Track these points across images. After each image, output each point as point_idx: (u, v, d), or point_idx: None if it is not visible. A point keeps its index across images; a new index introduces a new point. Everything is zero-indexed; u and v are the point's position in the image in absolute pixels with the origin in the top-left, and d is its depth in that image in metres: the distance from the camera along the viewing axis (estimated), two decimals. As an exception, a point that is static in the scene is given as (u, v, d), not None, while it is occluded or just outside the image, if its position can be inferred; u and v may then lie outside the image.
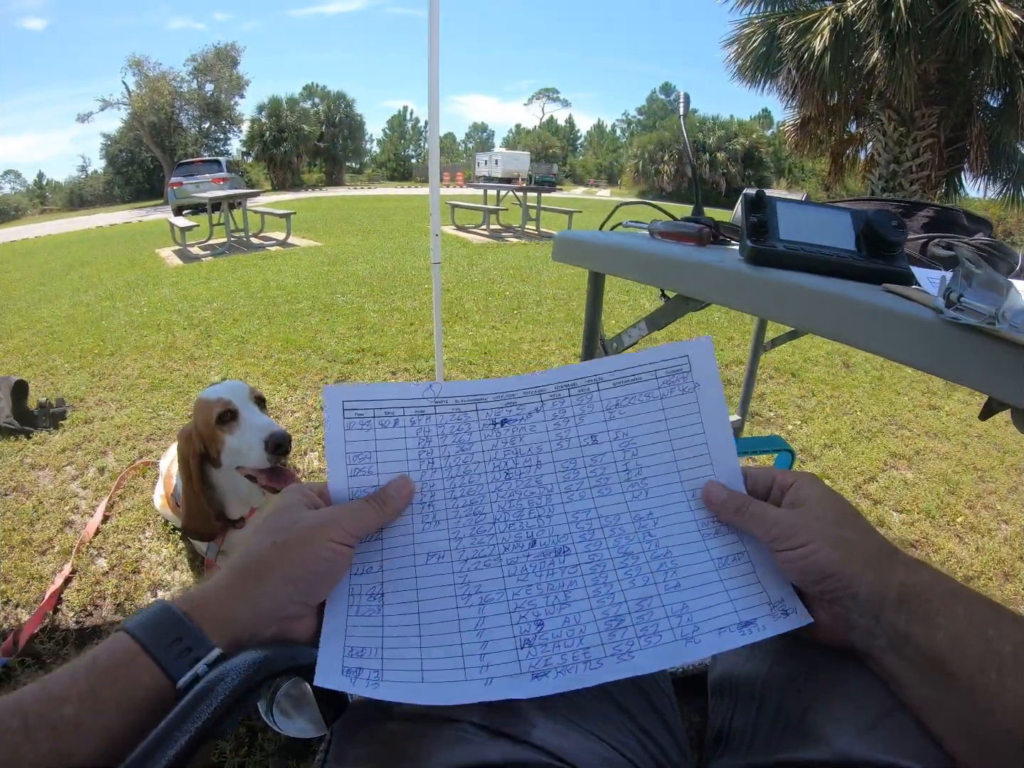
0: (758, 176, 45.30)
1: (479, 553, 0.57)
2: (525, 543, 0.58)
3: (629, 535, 0.58)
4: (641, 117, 79.41)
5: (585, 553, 0.57)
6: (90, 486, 2.66)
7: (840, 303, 0.82)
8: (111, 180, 48.15)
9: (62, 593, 1.99)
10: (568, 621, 0.54)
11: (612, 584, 0.56)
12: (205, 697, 0.40)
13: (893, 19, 10.82)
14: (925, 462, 3.29)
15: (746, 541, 0.58)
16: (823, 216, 1.02)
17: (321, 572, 0.51)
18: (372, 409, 0.60)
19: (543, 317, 5.77)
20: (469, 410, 0.62)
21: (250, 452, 1.63)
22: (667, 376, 0.64)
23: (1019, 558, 2.47)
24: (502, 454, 0.61)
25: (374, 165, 69.12)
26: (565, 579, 0.56)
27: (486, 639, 0.53)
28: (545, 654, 0.52)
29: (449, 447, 0.61)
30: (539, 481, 0.61)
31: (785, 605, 0.55)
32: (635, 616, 0.54)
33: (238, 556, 0.50)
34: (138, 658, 0.42)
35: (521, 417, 0.63)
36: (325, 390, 0.61)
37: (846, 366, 4.83)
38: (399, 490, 0.58)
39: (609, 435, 0.62)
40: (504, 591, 0.55)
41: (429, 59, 2.79)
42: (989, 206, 18.18)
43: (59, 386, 3.84)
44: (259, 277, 7.47)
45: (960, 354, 0.69)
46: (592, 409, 0.63)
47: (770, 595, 0.55)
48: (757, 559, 0.57)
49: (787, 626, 0.54)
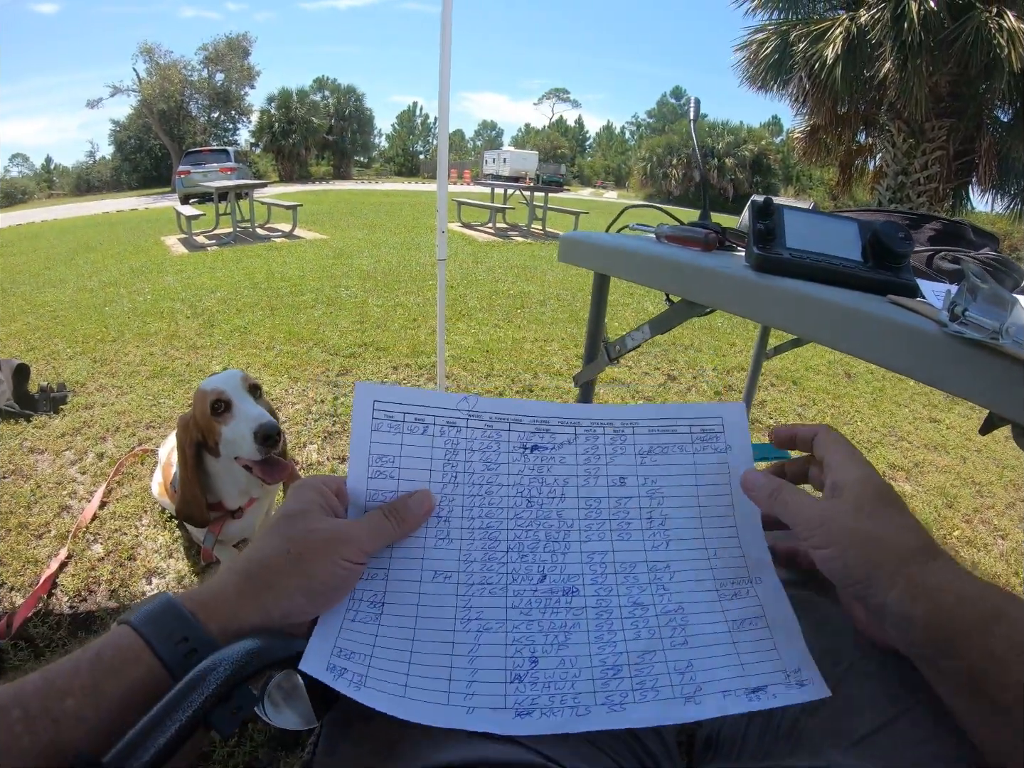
0: (766, 183, 45.28)
1: (486, 580, 0.56)
2: (535, 577, 0.56)
3: (642, 585, 0.57)
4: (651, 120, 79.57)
5: (593, 597, 0.56)
6: (88, 471, 2.66)
7: (844, 313, 0.82)
8: (119, 166, 48.25)
9: (57, 577, 1.99)
10: (564, 663, 0.52)
11: (616, 632, 0.54)
12: (198, 685, 0.40)
13: (906, 30, 10.80)
14: (924, 475, 3.29)
15: (766, 605, 0.57)
16: (830, 225, 1.02)
17: (333, 587, 0.50)
18: (403, 413, 0.59)
19: (546, 317, 5.77)
20: (502, 428, 0.61)
21: (241, 442, 1.63)
22: (701, 433, 0.64)
23: (1015, 573, 2.48)
24: (528, 480, 0.60)
25: (382, 160, 69.30)
26: (568, 620, 0.54)
27: (477, 667, 0.51)
28: (533, 692, 0.51)
29: (475, 463, 0.60)
30: (560, 515, 0.59)
31: (802, 675, 0.53)
32: (634, 668, 0.53)
33: (250, 557, 0.49)
34: (143, 656, 0.42)
35: (553, 446, 0.62)
36: (357, 386, 0.59)
37: (848, 376, 4.83)
38: (419, 506, 0.56)
39: (638, 480, 0.62)
40: (505, 622, 0.54)
41: (441, 55, 2.78)
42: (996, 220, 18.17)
43: (60, 371, 3.84)
44: (264, 268, 7.47)
45: (962, 368, 0.69)
46: (624, 451, 0.63)
47: (786, 663, 0.54)
48: (776, 623, 0.56)
49: (800, 698, 0.52)
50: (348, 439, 3.02)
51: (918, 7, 10.69)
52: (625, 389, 4.02)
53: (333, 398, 3.53)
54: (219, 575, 0.49)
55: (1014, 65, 10.30)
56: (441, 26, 2.76)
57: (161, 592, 0.47)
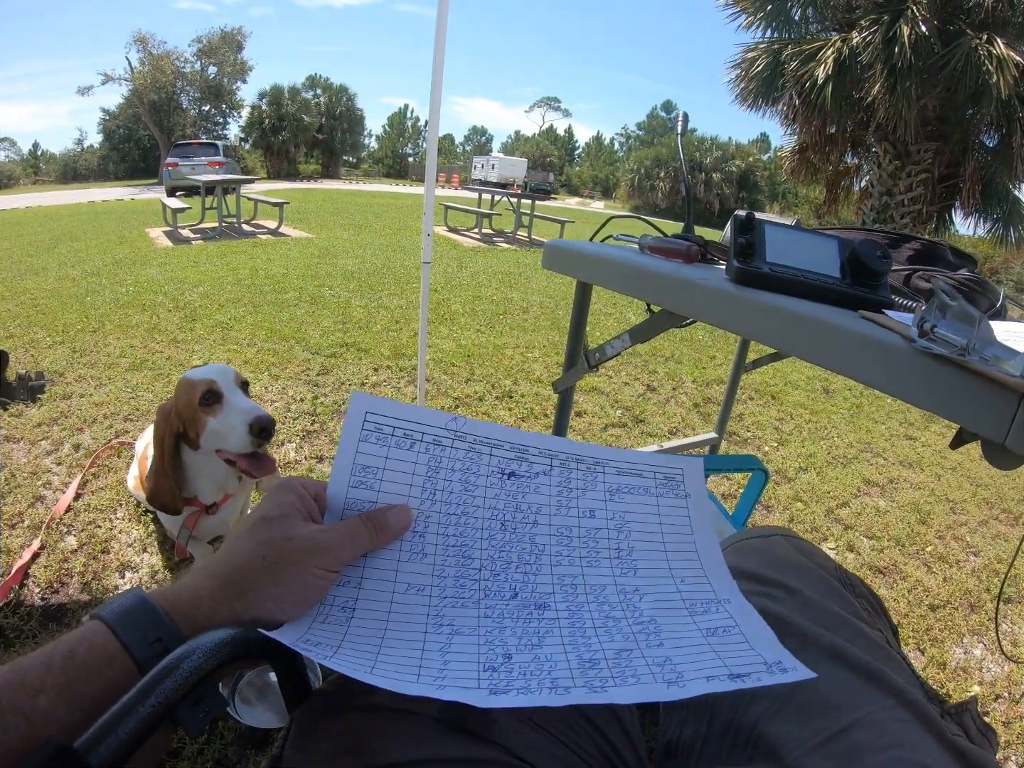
0: (752, 199, 45.58)
1: (459, 595, 0.56)
2: (507, 594, 0.57)
3: (612, 603, 0.59)
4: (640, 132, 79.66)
5: (565, 611, 0.57)
6: (64, 462, 2.64)
7: (819, 327, 0.83)
8: (106, 156, 47.88)
9: (29, 568, 1.98)
10: (538, 659, 0.52)
11: (590, 639, 0.55)
12: (161, 681, 0.40)
13: (896, 54, 10.94)
14: (898, 491, 3.33)
15: (736, 617, 0.59)
16: (810, 242, 1.04)
17: (305, 596, 0.50)
18: (392, 427, 0.59)
19: (528, 324, 5.78)
20: (484, 452, 0.62)
21: (232, 435, 1.62)
22: (664, 479, 0.68)
23: (986, 590, 2.51)
24: (503, 505, 0.61)
25: (371, 161, 69.15)
26: (542, 628, 0.55)
27: (448, 659, 0.51)
28: (509, 677, 0.50)
29: (454, 483, 0.60)
30: (532, 540, 0.61)
31: (784, 666, 0.54)
32: (612, 662, 0.53)
33: (225, 561, 0.49)
34: (117, 656, 0.42)
35: (529, 475, 0.63)
36: (354, 395, 0.59)
37: (826, 392, 4.87)
38: (399, 520, 0.56)
39: (607, 514, 0.64)
40: (477, 628, 0.54)
41: (434, 59, 2.79)
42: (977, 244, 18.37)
43: (39, 360, 3.80)
44: (248, 264, 7.44)
45: (932, 383, 0.70)
46: (595, 487, 0.65)
47: (766, 658, 0.55)
48: (749, 631, 0.58)
49: (785, 679, 0.52)
50: (326, 438, 3.03)
51: (910, 31, 10.83)
52: (605, 398, 4.03)
53: (313, 397, 3.53)
54: (193, 576, 0.48)
55: (1002, 91, 10.45)
56: (436, 29, 2.76)
57: (134, 588, 0.47)
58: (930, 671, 2.01)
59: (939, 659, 2.06)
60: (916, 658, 2.08)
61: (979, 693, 1.95)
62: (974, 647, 2.18)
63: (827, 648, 0.69)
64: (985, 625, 2.28)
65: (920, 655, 2.09)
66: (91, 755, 0.35)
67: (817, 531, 2.77)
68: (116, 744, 0.37)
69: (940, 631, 2.21)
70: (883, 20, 11.29)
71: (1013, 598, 2.49)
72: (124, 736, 0.37)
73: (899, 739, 0.61)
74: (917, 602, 2.36)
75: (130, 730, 0.37)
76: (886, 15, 11.32)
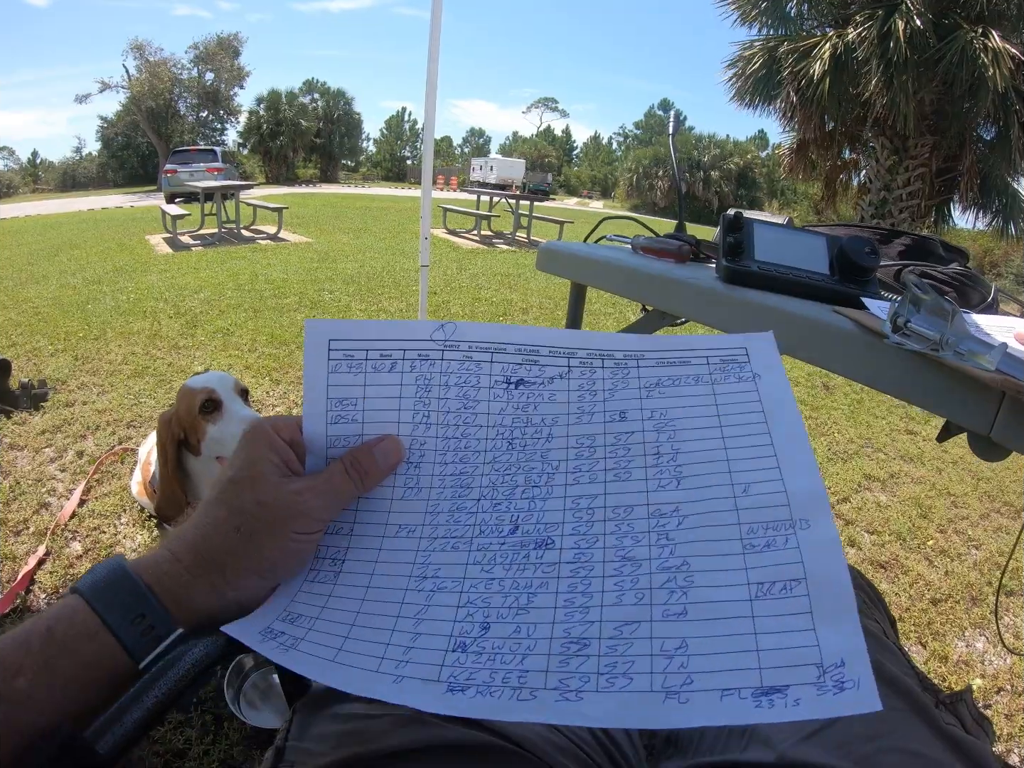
0: (750, 196, 45.51)
1: (451, 533, 0.48)
2: (505, 527, 0.48)
3: (638, 535, 0.46)
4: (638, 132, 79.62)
5: (572, 550, 0.46)
6: (68, 469, 2.66)
7: (807, 324, 0.85)
8: (105, 163, 47.82)
9: (35, 575, 1.99)
10: (519, 631, 0.43)
11: (592, 595, 0.43)
12: (166, 673, 0.40)
13: (892, 48, 10.93)
14: (899, 485, 3.34)
15: (810, 561, 0.42)
16: (799, 239, 1.05)
17: (286, 563, 0.47)
18: (365, 350, 0.52)
19: (528, 325, 5.76)
20: (483, 360, 0.53)
21: (231, 442, 1.63)
22: (720, 363, 0.53)
23: (987, 583, 2.52)
24: (510, 420, 0.52)
25: (369, 164, 69.17)
26: (535, 579, 0.45)
27: (420, 631, 0.44)
28: (475, 665, 0.41)
29: (450, 401, 0.52)
30: (544, 456, 0.50)
31: (843, 673, 0.37)
32: (606, 643, 0.41)
33: (197, 530, 0.46)
34: (99, 634, 0.40)
35: (541, 381, 0.53)
36: (307, 324, 0.53)
37: (826, 388, 4.88)
38: (386, 458, 0.50)
39: (643, 413, 0.51)
40: (462, 580, 0.46)
41: (429, 61, 2.81)
42: (977, 237, 18.40)
43: (42, 368, 3.82)
44: (248, 270, 7.45)
45: (918, 378, 0.71)
46: (627, 385, 0.53)
47: (825, 651, 0.38)
48: (821, 588, 0.41)
49: (834, 710, 0.36)
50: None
51: (904, 25, 10.82)
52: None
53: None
54: (170, 544, 0.46)
55: (998, 84, 10.44)
56: (430, 32, 2.78)
57: (115, 556, 0.45)
58: (932, 664, 2.02)
59: (941, 652, 2.07)
60: (918, 652, 2.08)
61: (981, 686, 1.96)
62: (976, 640, 2.19)
63: None
64: (987, 618, 2.29)
65: (922, 649, 2.10)
66: (99, 744, 0.36)
67: (818, 526, 2.77)
68: (122, 734, 0.37)
69: (942, 625, 2.22)
70: (878, 15, 11.28)
71: (1015, 591, 2.50)
72: (130, 727, 0.38)
73: (892, 728, 0.61)
74: (918, 596, 2.37)
75: (135, 720, 0.38)
76: (880, 10, 11.31)
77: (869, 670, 0.37)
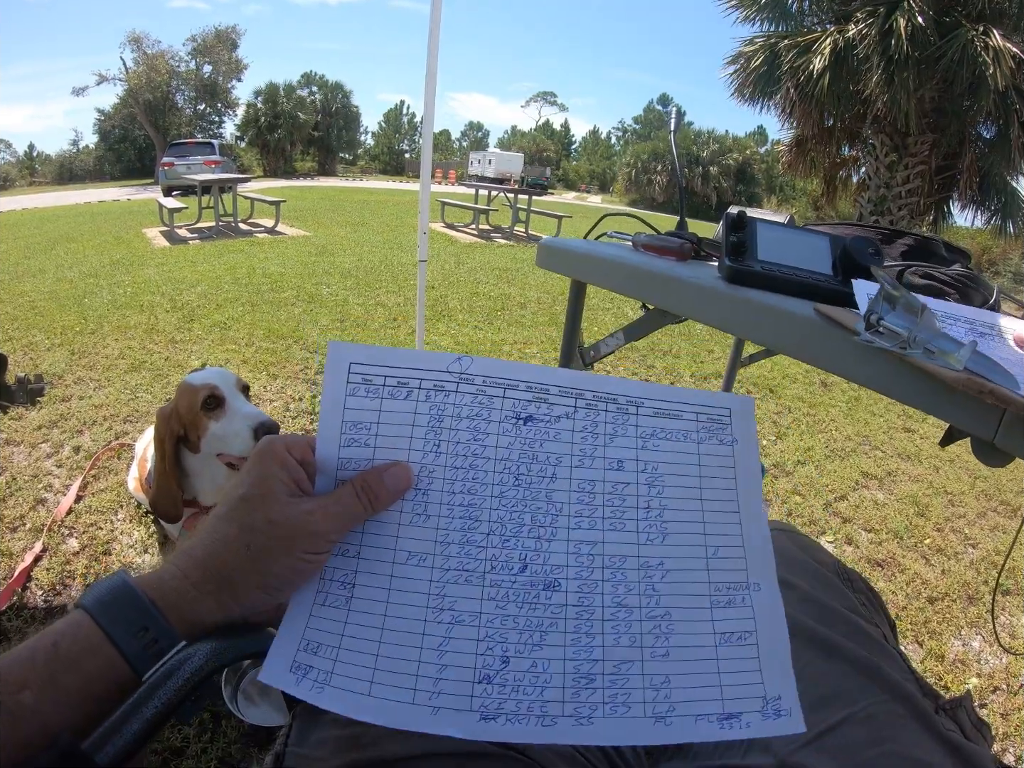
0: (749, 192, 45.54)
1: (463, 566, 0.50)
2: (515, 566, 0.51)
3: (630, 584, 0.52)
4: (637, 126, 79.63)
5: (576, 594, 0.51)
6: (65, 465, 2.65)
7: (808, 325, 0.84)
8: (102, 156, 47.73)
9: (32, 571, 1.99)
10: (535, 666, 0.48)
11: (595, 636, 0.50)
12: (164, 683, 0.40)
13: (893, 46, 10.90)
14: (896, 483, 3.34)
15: (759, 618, 0.53)
16: (802, 239, 1.04)
17: (293, 581, 0.48)
18: (383, 376, 0.53)
19: (526, 320, 5.79)
20: (495, 395, 0.55)
21: (235, 439, 1.64)
22: (707, 422, 0.58)
23: (984, 582, 2.52)
24: (517, 455, 0.54)
25: (367, 157, 69.07)
26: (546, 618, 0.49)
27: (446, 663, 0.47)
28: (501, 695, 0.47)
29: (461, 432, 0.53)
30: (549, 497, 0.53)
31: (780, 704, 0.50)
32: (608, 679, 0.49)
33: (207, 549, 0.46)
34: (103, 648, 0.41)
35: (548, 419, 0.55)
36: (331, 345, 0.54)
37: (824, 385, 4.88)
38: (396, 483, 0.51)
39: (638, 464, 0.55)
40: (479, 615, 0.49)
41: (428, 54, 2.80)
42: (976, 235, 18.41)
43: (38, 362, 3.81)
44: (245, 263, 7.45)
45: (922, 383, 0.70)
46: (626, 432, 0.56)
47: (767, 688, 0.51)
48: (765, 640, 0.52)
49: (774, 730, 0.49)
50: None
51: (906, 23, 10.79)
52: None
53: (312, 396, 3.53)
54: (177, 559, 0.46)
55: (999, 83, 10.40)
56: (430, 25, 2.77)
57: (119, 571, 0.46)
58: (928, 664, 2.02)
59: (937, 651, 2.07)
60: (914, 651, 2.09)
61: (977, 685, 1.96)
62: (972, 639, 2.19)
63: (824, 643, 0.70)
64: (983, 617, 2.29)
65: (918, 648, 2.10)
66: (98, 756, 0.36)
67: (815, 524, 2.78)
68: (122, 744, 0.37)
69: (938, 624, 2.22)
70: (880, 12, 11.25)
71: (1011, 590, 2.50)
72: (129, 737, 0.38)
73: (893, 734, 0.61)
74: (915, 595, 2.37)
75: (135, 731, 0.38)
76: (882, 7, 11.28)
77: (797, 702, 0.50)
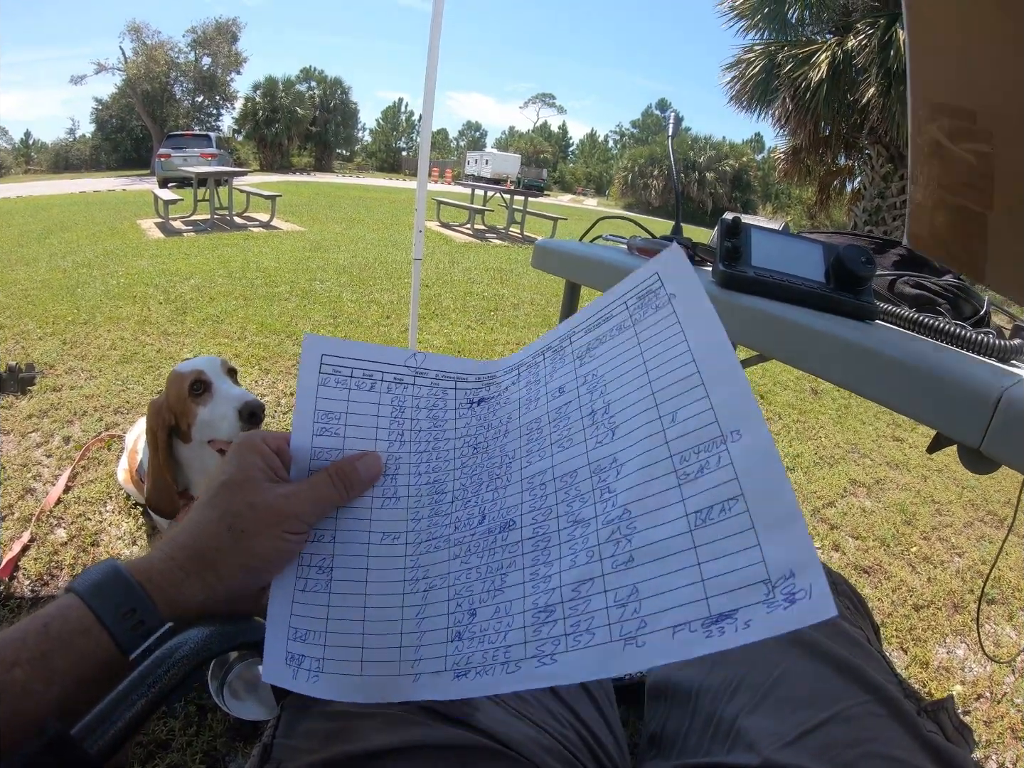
0: (745, 199, 45.66)
1: (432, 535, 0.53)
2: (475, 520, 0.52)
3: (584, 496, 0.47)
4: (635, 130, 79.62)
5: (530, 527, 0.49)
6: (54, 455, 2.64)
7: (801, 332, 0.85)
8: (99, 146, 47.50)
9: (19, 561, 1.98)
10: (498, 611, 0.47)
11: (552, 564, 0.46)
12: (155, 670, 0.41)
13: (892, 57, 10.97)
14: (884, 491, 3.36)
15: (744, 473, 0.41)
16: (796, 246, 1.05)
17: (275, 561, 0.49)
18: (350, 368, 0.56)
19: (519, 320, 5.80)
20: (448, 387, 0.58)
21: (222, 423, 1.63)
22: (637, 301, 0.52)
23: (969, 591, 2.54)
24: (474, 430, 0.57)
25: (364, 154, 68.92)
26: (504, 559, 0.49)
27: (424, 629, 0.49)
28: (470, 650, 0.46)
29: (422, 421, 0.57)
30: (502, 450, 0.55)
31: (793, 584, 0.36)
32: (568, 607, 0.43)
33: (192, 532, 0.48)
34: (92, 629, 0.42)
35: (497, 394, 0.58)
36: (306, 337, 0.56)
37: (814, 392, 4.90)
38: (368, 471, 0.53)
39: (577, 381, 0.53)
40: (447, 575, 0.50)
41: (429, 53, 2.80)
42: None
43: (30, 351, 3.78)
44: (239, 257, 7.41)
45: (911, 389, 0.71)
46: (564, 362, 0.55)
47: (771, 565, 0.37)
48: (758, 498, 0.40)
49: (788, 624, 0.35)
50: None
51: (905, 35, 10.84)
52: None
53: (304, 391, 3.51)
54: (164, 545, 0.48)
55: (994, 96, 10.48)
56: (431, 24, 2.77)
57: (108, 559, 0.47)
58: (913, 670, 2.03)
59: (922, 658, 2.08)
60: (899, 657, 2.10)
61: (961, 692, 1.98)
62: (957, 647, 2.21)
63: (806, 643, 0.71)
64: (968, 625, 2.31)
65: (903, 654, 2.11)
66: (87, 743, 0.36)
67: (803, 530, 2.78)
68: (112, 732, 0.37)
69: (923, 631, 2.24)
70: (880, 24, 11.32)
71: (996, 599, 2.52)
72: (119, 725, 0.38)
73: (874, 734, 0.62)
74: (901, 602, 2.39)
75: (125, 719, 0.38)
76: (883, 18, 11.35)
77: (822, 576, 0.35)
